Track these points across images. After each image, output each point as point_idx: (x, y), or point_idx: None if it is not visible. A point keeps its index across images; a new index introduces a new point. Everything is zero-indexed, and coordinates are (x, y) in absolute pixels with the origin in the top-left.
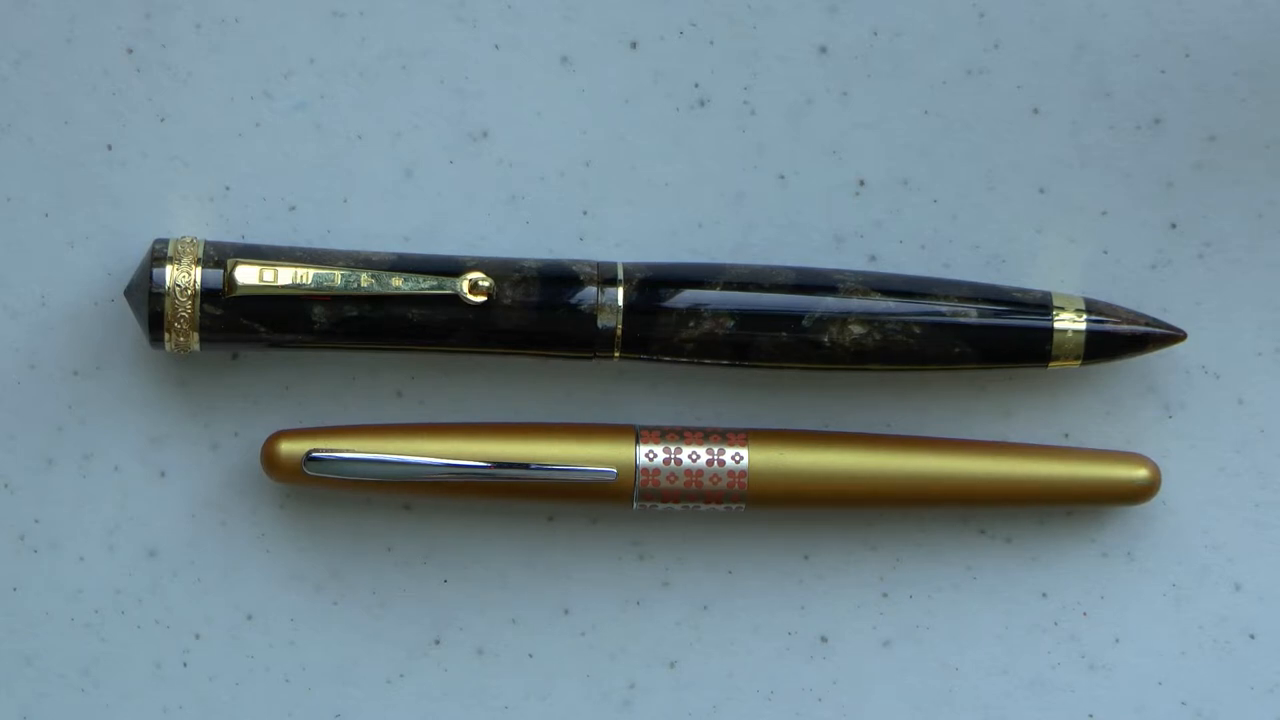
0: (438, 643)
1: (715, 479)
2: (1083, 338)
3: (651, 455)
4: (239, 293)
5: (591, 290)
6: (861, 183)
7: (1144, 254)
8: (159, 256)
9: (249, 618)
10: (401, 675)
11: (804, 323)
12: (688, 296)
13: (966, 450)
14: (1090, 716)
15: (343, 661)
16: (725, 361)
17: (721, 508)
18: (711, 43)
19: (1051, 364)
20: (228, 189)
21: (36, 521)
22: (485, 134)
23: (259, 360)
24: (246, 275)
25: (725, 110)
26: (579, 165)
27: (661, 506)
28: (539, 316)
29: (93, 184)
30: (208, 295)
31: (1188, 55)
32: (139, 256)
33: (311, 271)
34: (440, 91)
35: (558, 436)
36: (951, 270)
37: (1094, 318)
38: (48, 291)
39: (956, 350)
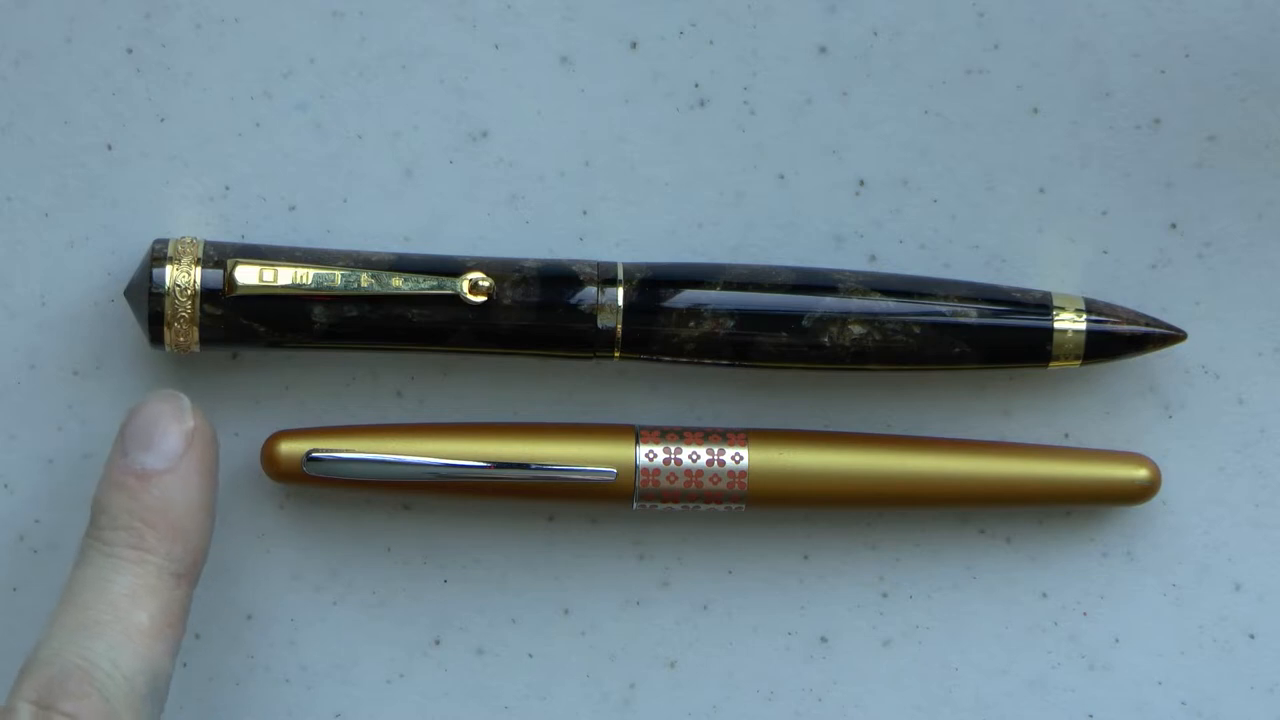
0: (438, 643)
1: (715, 479)
2: (1083, 338)
3: (651, 455)
4: (239, 293)
5: (591, 290)
6: (861, 183)
7: (1144, 254)
8: (159, 256)
9: (249, 618)
10: (401, 675)
11: (804, 323)
12: (688, 296)
13: (966, 450)
14: (1090, 716)
15: (343, 661)
16: (725, 361)
17: (721, 508)
18: (711, 43)
19: (1051, 364)
20: (228, 189)
21: (36, 522)
22: (485, 134)
23: (259, 360)
24: (246, 275)
25: (725, 110)
26: (579, 165)
27: (661, 506)
28: (539, 316)
29: (93, 184)
30: (208, 295)
31: (1188, 55)
32: (139, 256)
33: (311, 271)
34: (440, 91)
35: (558, 436)
36: (951, 270)
37: (1094, 318)
38: (48, 291)
39: (956, 350)
